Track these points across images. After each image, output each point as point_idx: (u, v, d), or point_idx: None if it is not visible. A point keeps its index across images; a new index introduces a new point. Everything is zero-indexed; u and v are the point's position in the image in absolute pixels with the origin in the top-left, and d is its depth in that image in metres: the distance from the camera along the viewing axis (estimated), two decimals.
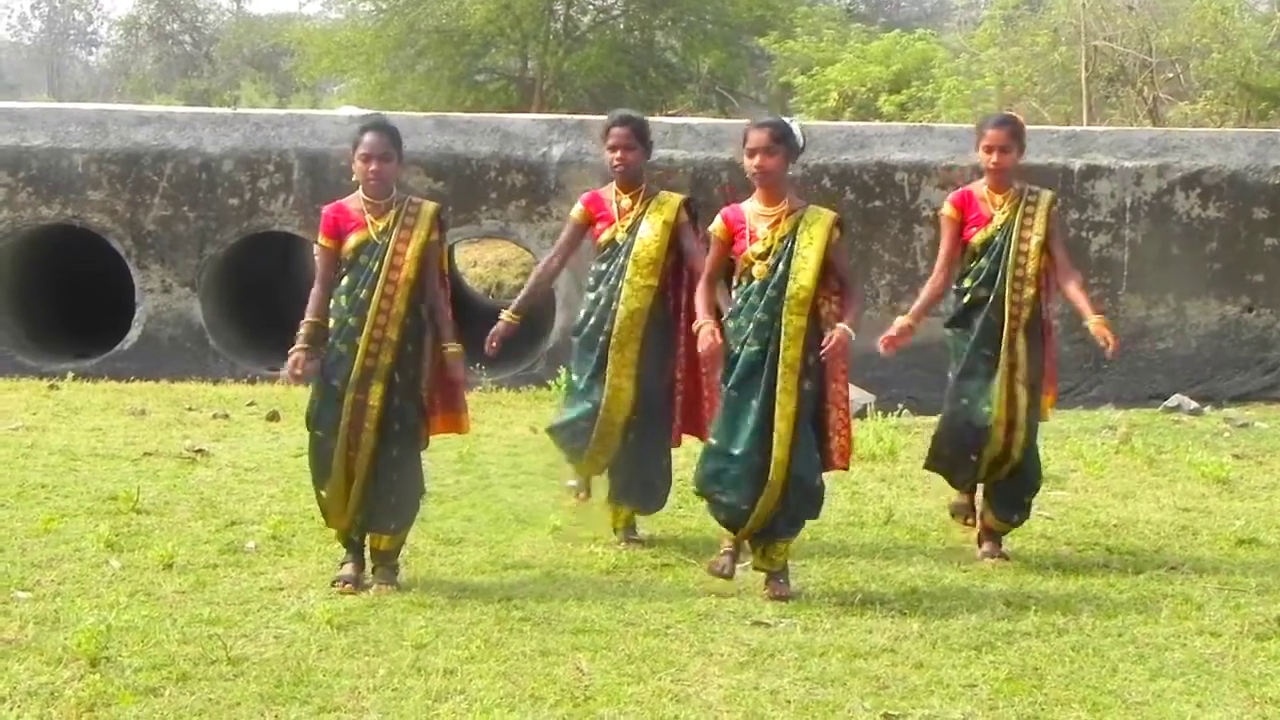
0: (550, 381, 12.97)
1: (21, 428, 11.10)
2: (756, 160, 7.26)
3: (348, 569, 7.36)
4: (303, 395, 12.74)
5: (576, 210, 8.31)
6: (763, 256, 7.26)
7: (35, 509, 8.61)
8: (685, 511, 9.03)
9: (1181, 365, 14.38)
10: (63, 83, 70.82)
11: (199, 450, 10.47)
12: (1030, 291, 8.00)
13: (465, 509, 8.95)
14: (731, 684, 6.04)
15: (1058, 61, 26.24)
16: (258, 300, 15.69)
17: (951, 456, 8.31)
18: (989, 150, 8.07)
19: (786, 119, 7.57)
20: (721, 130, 14.72)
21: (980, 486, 8.39)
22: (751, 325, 7.24)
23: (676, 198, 8.28)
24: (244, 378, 13.93)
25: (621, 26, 36.53)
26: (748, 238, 7.31)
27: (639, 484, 8.26)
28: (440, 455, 7.97)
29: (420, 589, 7.24)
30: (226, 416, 12.02)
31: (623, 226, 8.10)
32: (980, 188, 8.20)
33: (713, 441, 7.37)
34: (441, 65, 34.27)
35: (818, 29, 30.64)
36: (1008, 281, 7.97)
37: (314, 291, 7.32)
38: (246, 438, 11.17)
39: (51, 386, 13.21)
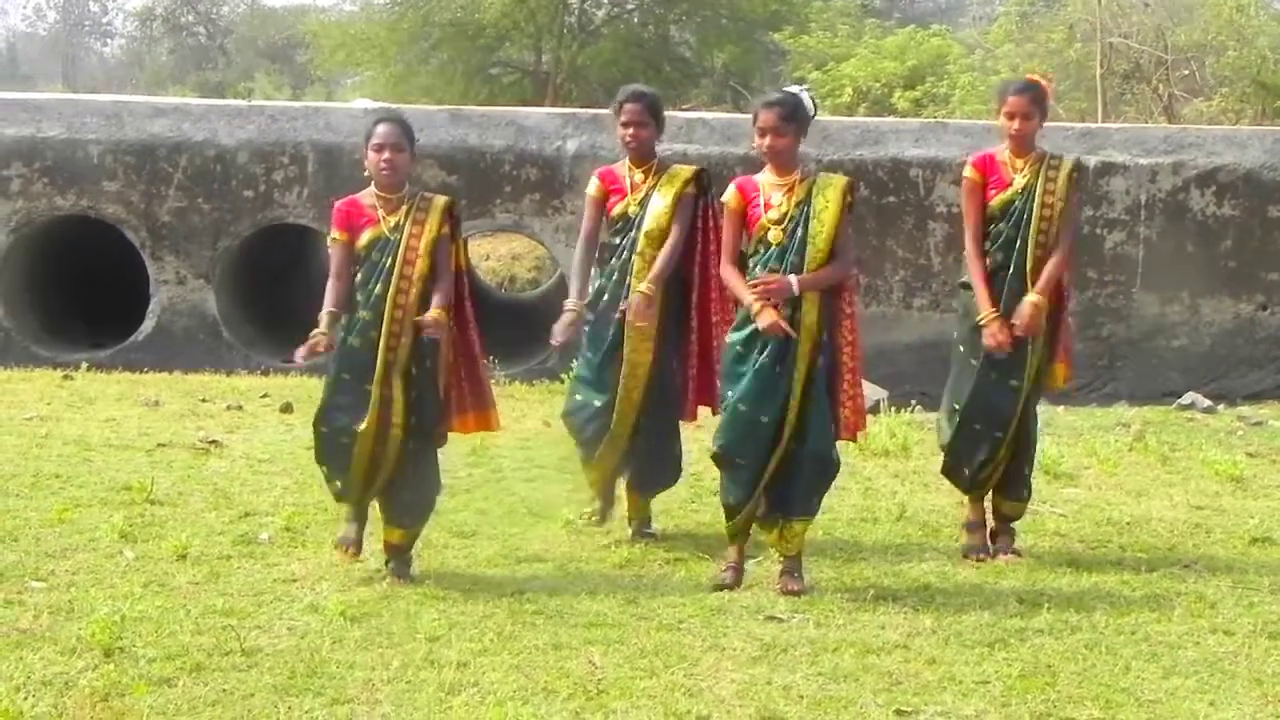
0: (563, 375, 12.96)
1: (36, 418, 11.12)
2: (768, 140, 7.30)
3: (351, 530, 7.48)
4: (316, 387, 12.80)
5: (592, 186, 8.30)
6: (779, 222, 7.28)
7: (49, 499, 8.63)
8: (698, 506, 9.04)
9: (1196, 363, 14.35)
10: (77, 74, 70.94)
11: (213, 441, 10.48)
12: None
13: (479, 502, 8.96)
14: (744, 679, 6.05)
15: (1073, 58, 26.21)
16: (272, 292, 15.70)
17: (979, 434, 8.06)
18: (1010, 117, 7.93)
19: (796, 88, 7.66)
20: (736, 125, 14.70)
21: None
22: None
23: (688, 169, 8.25)
24: (257, 369, 13.93)
25: (636, 21, 36.56)
26: (762, 205, 7.33)
27: (653, 464, 8.30)
28: (453, 449, 7.96)
29: (433, 582, 7.24)
30: (240, 408, 12.04)
31: (635, 200, 8.10)
32: (1002, 152, 8.06)
33: (741, 408, 7.31)
34: (456, 59, 34.31)
35: (832, 24, 30.64)
36: (1030, 249, 7.84)
37: (330, 284, 7.28)
38: (260, 429, 11.19)
39: (66, 377, 13.23)
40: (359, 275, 7.24)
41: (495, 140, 14.40)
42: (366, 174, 7.33)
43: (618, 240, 8.13)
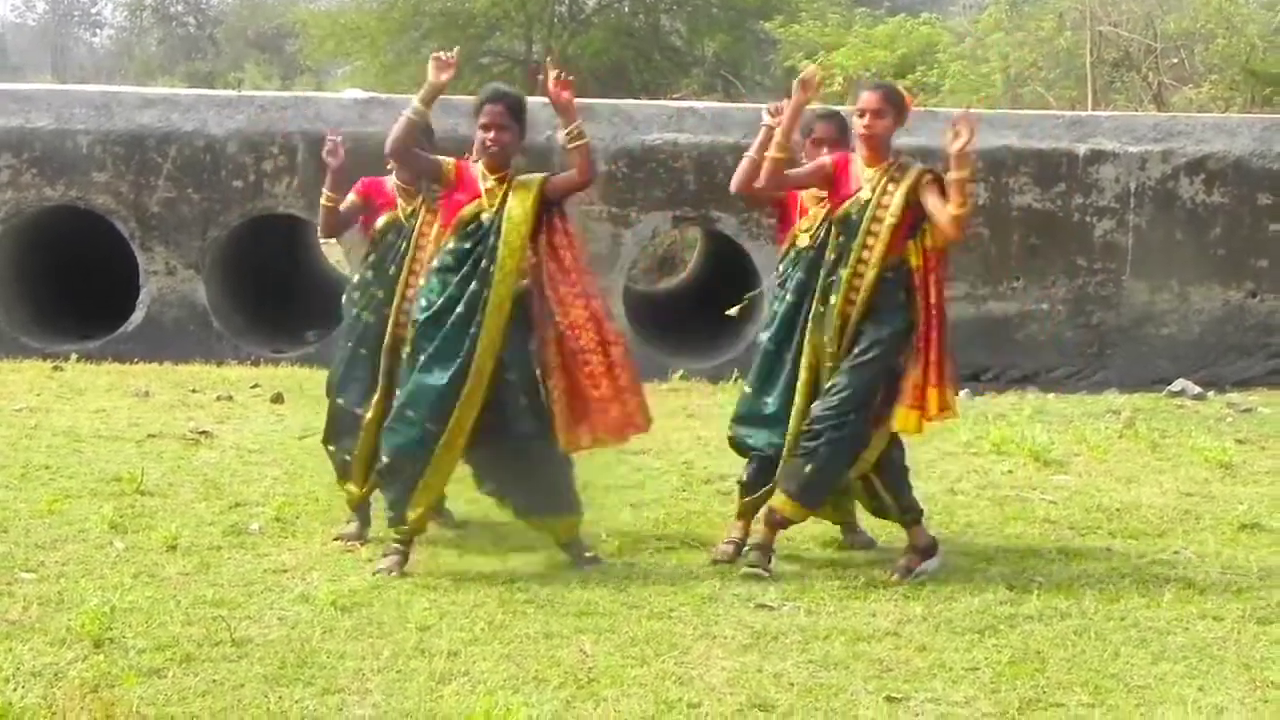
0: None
1: (25, 409, 11.11)
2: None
3: (352, 527, 7.72)
4: (307, 377, 12.80)
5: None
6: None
7: (39, 490, 8.62)
8: (689, 495, 9.05)
9: (1185, 350, 14.37)
10: (67, 64, 70.76)
11: (203, 432, 10.48)
12: (873, 275, 7.32)
13: (468, 492, 8.94)
14: (735, 666, 6.06)
15: (1063, 46, 26.17)
16: (262, 283, 15.69)
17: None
18: (860, 114, 7.46)
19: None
20: (726, 114, 14.70)
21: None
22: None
23: (539, 178, 7.49)
24: (247, 360, 13.92)
25: (626, 10, 36.51)
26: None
27: (531, 489, 7.60)
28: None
29: (424, 571, 7.25)
30: (230, 398, 12.03)
31: (489, 206, 7.37)
32: (858, 158, 7.55)
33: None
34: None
35: (823, 13, 30.57)
36: (851, 260, 7.35)
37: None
38: (250, 420, 11.17)
39: (55, 368, 13.21)
40: (373, 257, 7.78)
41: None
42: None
43: (469, 245, 7.33)
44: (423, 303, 7.36)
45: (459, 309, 7.23)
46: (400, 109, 7.62)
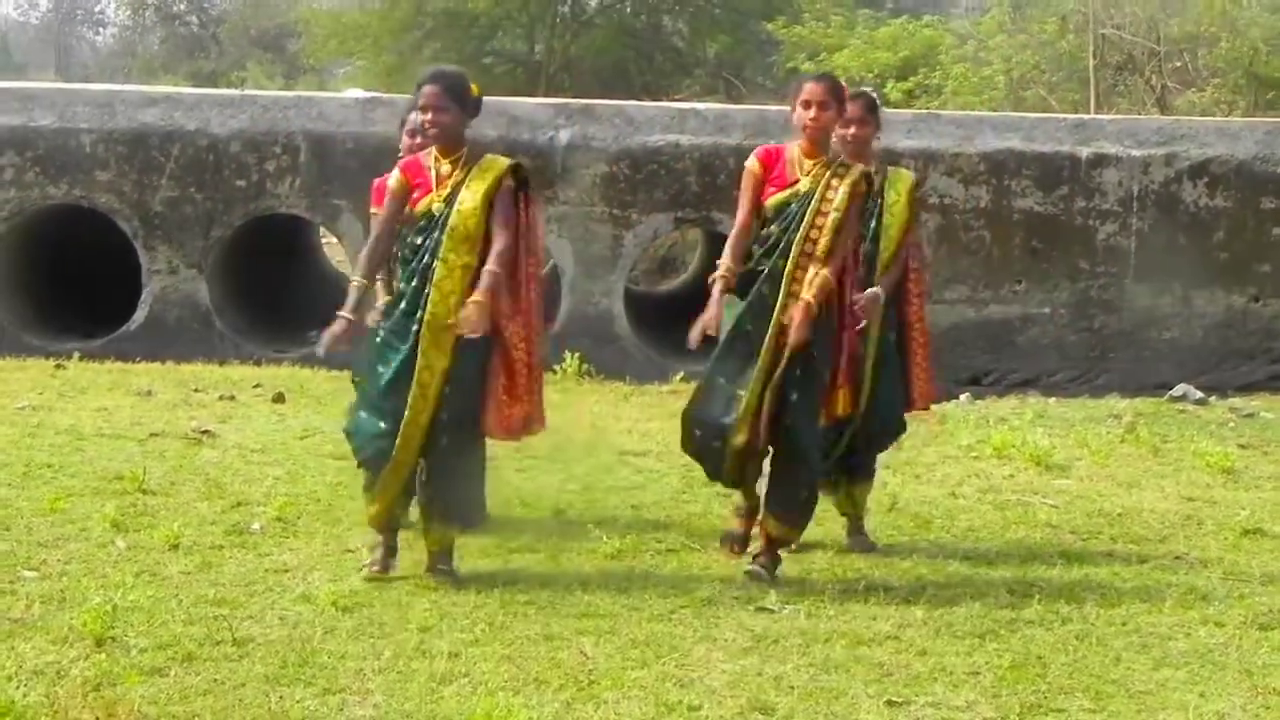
0: (557, 367, 12.97)
1: (28, 407, 11.11)
2: (852, 130, 7.66)
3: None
4: (309, 377, 12.81)
5: (393, 178, 7.30)
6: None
7: (41, 489, 8.62)
8: (690, 496, 9.05)
9: (1187, 355, 14.36)
10: (70, 63, 70.78)
11: (205, 431, 10.47)
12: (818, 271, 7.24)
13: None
14: (735, 669, 6.06)
15: (1065, 49, 26.17)
16: (264, 282, 15.70)
17: (700, 439, 7.52)
18: (807, 105, 7.28)
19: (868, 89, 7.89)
20: (728, 115, 14.71)
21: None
22: None
23: (504, 161, 7.28)
24: (250, 359, 13.92)
25: (629, 10, 36.51)
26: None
27: (448, 494, 7.32)
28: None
29: (424, 573, 7.25)
30: (232, 398, 12.03)
31: (440, 196, 7.11)
32: (792, 149, 7.42)
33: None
34: (449, 48, 34.23)
35: (825, 15, 30.57)
36: (792, 255, 7.24)
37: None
38: (252, 419, 11.17)
39: (58, 366, 13.21)
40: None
41: (488, 130, 14.36)
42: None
43: (420, 240, 7.11)
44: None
45: (403, 303, 7.10)
46: (402, 109, 7.57)
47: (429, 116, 7.10)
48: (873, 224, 7.73)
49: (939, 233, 14.07)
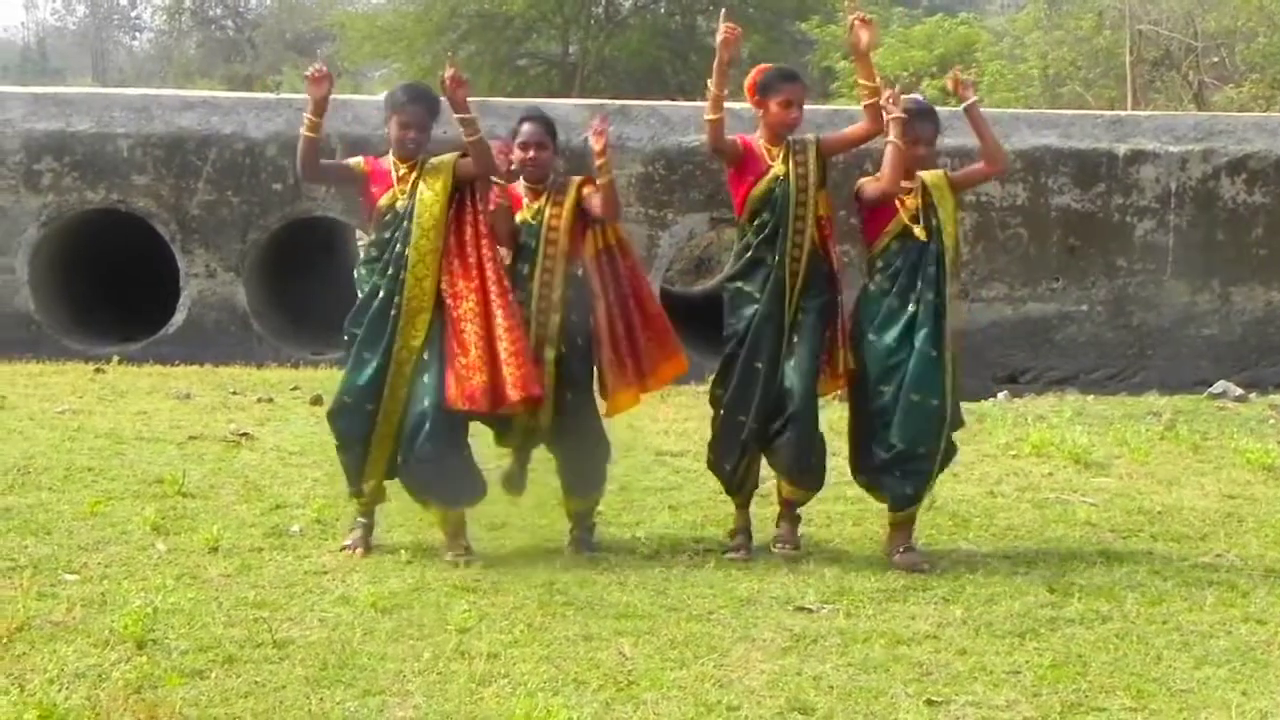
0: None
1: (68, 411, 11.17)
2: (921, 150, 7.79)
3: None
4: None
5: (356, 161, 8.02)
6: (915, 220, 7.73)
7: (82, 492, 8.67)
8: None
9: (1226, 351, 14.30)
10: (106, 68, 71.13)
11: (243, 434, 10.51)
12: (809, 246, 7.78)
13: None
14: (774, 669, 6.05)
15: (1102, 46, 26.12)
16: (301, 285, 15.74)
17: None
18: (787, 105, 7.84)
19: (915, 96, 8.00)
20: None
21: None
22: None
23: (451, 157, 7.77)
24: (287, 362, 13.97)
25: (663, 11, 36.54)
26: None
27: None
28: (483, 439, 7.96)
29: (463, 573, 7.26)
30: (271, 400, 12.07)
31: (401, 191, 7.68)
32: (757, 140, 7.94)
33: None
34: (483, 50, 34.33)
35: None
36: (789, 233, 7.73)
37: None
38: (290, 422, 11.21)
39: (97, 370, 13.28)
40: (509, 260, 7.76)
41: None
42: (514, 168, 7.80)
43: (388, 234, 7.66)
44: (358, 294, 7.78)
45: (381, 294, 7.61)
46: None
47: (411, 134, 7.76)
48: (934, 221, 7.76)
49: (976, 230, 14.03)
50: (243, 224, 14.35)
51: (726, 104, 7.81)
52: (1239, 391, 13.41)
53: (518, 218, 7.75)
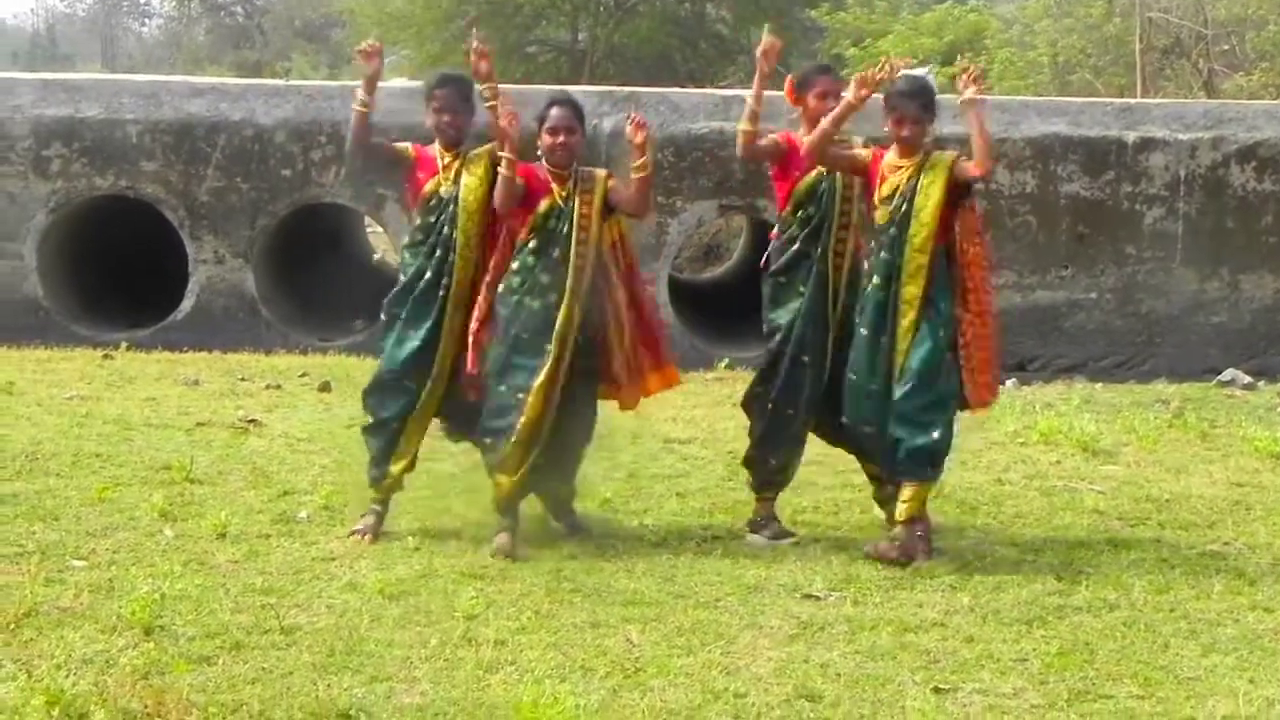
0: None
1: (76, 397, 11.18)
2: (906, 130, 7.63)
3: (503, 539, 7.55)
4: (356, 366, 12.85)
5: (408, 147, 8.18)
6: (886, 200, 7.58)
7: (90, 478, 8.68)
8: (735, 484, 9.03)
9: (1235, 339, 14.26)
10: (116, 54, 71.20)
11: (252, 420, 10.52)
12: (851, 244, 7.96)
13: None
14: (781, 656, 6.06)
15: (1112, 33, 26.04)
16: (309, 272, 15.74)
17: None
18: (823, 97, 7.92)
19: (921, 71, 7.90)
20: (773, 103, 14.61)
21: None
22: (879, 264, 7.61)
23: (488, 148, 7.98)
24: (296, 349, 13.96)
25: None
26: (879, 180, 7.67)
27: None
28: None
29: (471, 560, 7.27)
30: (279, 387, 12.08)
31: (447, 178, 7.91)
32: (801, 135, 8.02)
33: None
34: (492, 37, 33.85)
35: (869, 0, 30.51)
36: (833, 230, 7.87)
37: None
38: (298, 408, 11.22)
39: (106, 356, 13.29)
40: (534, 242, 7.70)
41: (532, 119, 14.38)
42: (539, 153, 7.83)
43: (434, 219, 7.87)
44: (400, 277, 7.96)
45: (427, 275, 7.80)
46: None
47: (446, 118, 7.95)
48: (904, 207, 7.55)
49: (985, 218, 13.94)
50: (251, 210, 14.34)
51: (736, 90, 7.81)
52: (1247, 379, 13.39)
53: (548, 202, 7.71)
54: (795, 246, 7.88)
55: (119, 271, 15.35)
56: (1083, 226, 14.20)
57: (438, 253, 7.82)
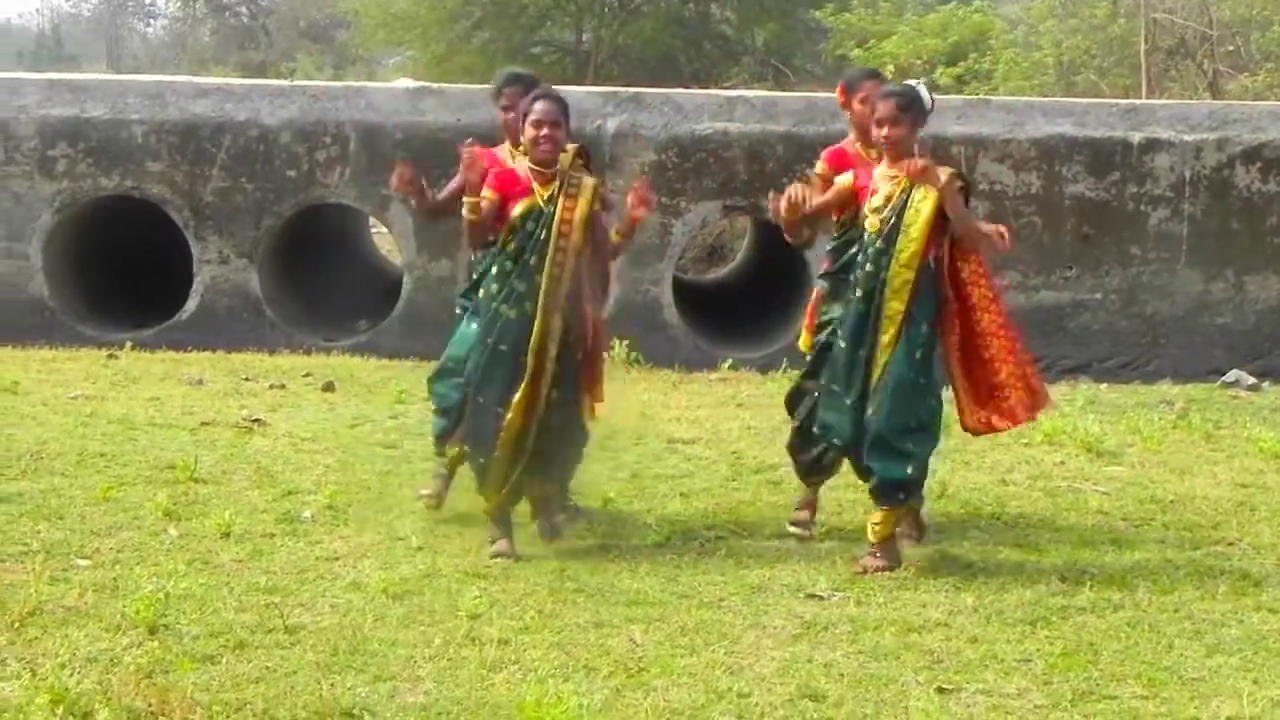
0: (605, 354, 12.93)
1: (81, 396, 11.19)
2: (885, 131, 7.46)
3: (501, 544, 7.46)
4: (360, 366, 12.86)
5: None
6: (877, 211, 7.47)
7: (94, 477, 8.69)
8: (738, 484, 9.05)
9: (1240, 340, 14.25)
10: (121, 54, 71.26)
11: (256, 420, 10.53)
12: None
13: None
14: (785, 656, 6.06)
15: (1116, 34, 26.03)
16: (314, 272, 15.75)
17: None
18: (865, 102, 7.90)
19: (914, 83, 7.82)
20: (777, 103, 14.65)
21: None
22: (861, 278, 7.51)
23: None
24: (300, 349, 13.97)
25: None
26: (869, 193, 7.58)
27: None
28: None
29: (474, 560, 7.27)
30: (283, 387, 12.08)
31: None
32: (852, 144, 8.08)
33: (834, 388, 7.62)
34: (497, 38, 34.33)
35: (874, 1, 30.49)
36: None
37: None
38: (302, 408, 11.22)
39: (110, 356, 13.30)
40: (511, 246, 7.48)
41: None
42: (522, 149, 7.64)
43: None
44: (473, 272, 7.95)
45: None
46: (452, 99, 7.67)
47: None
48: (893, 220, 7.41)
49: (989, 219, 13.93)
50: (256, 210, 14.35)
51: (740, 91, 7.80)
52: (1252, 380, 13.38)
53: (526, 203, 7.46)
54: (853, 249, 7.73)
55: (124, 271, 15.36)
56: (1087, 227, 14.20)
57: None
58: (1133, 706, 5.65)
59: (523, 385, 7.37)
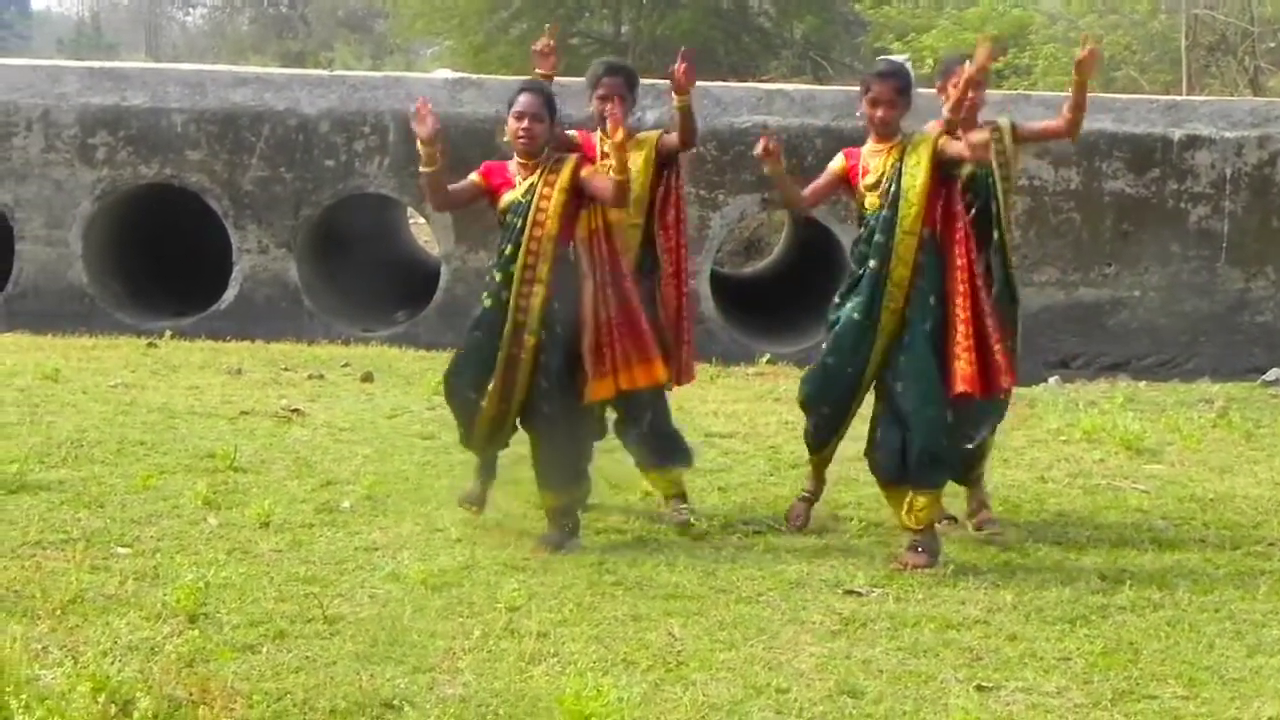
0: None
1: (120, 385, 11.23)
2: (880, 112, 7.48)
3: (475, 486, 7.78)
4: (398, 356, 12.89)
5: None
6: (874, 187, 7.47)
7: (134, 466, 8.72)
8: (776, 479, 9.04)
9: None
10: (160, 43, 71.46)
11: (295, 410, 10.55)
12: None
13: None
14: (823, 652, 6.05)
15: (1157, 30, 25.93)
16: (352, 262, 15.79)
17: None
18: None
19: (899, 58, 7.77)
20: (815, 97, 14.63)
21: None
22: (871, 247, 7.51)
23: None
24: (338, 339, 14.01)
25: None
26: (860, 172, 7.56)
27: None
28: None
29: (513, 552, 7.28)
30: (321, 377, 12.11)
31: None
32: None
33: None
34: (535, 29, 34.25)
35: None
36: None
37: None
38: (341, 398, 11.25)
39: (150, 344, 13.35)
40: (500, 239, 7.58)
41: (574, 111, 14.37)
42: (505, 141, 7.60)
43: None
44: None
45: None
46: (490, 90, 7.66)
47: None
48: (891, 188, 7.43)
49: (1028, 215, 13.95)
50: (295, 200, 14.40)
51: (779, 85, 7.76)
52: None
53: (508, 196, 7.47)
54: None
55: (163, 260, 15.43)
56: (1127, 224, 14.15)
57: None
58: (1173, 706, 5.62)
59: (495, 373, 7.41)
